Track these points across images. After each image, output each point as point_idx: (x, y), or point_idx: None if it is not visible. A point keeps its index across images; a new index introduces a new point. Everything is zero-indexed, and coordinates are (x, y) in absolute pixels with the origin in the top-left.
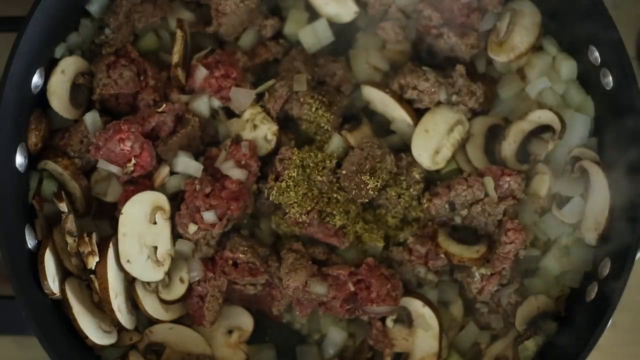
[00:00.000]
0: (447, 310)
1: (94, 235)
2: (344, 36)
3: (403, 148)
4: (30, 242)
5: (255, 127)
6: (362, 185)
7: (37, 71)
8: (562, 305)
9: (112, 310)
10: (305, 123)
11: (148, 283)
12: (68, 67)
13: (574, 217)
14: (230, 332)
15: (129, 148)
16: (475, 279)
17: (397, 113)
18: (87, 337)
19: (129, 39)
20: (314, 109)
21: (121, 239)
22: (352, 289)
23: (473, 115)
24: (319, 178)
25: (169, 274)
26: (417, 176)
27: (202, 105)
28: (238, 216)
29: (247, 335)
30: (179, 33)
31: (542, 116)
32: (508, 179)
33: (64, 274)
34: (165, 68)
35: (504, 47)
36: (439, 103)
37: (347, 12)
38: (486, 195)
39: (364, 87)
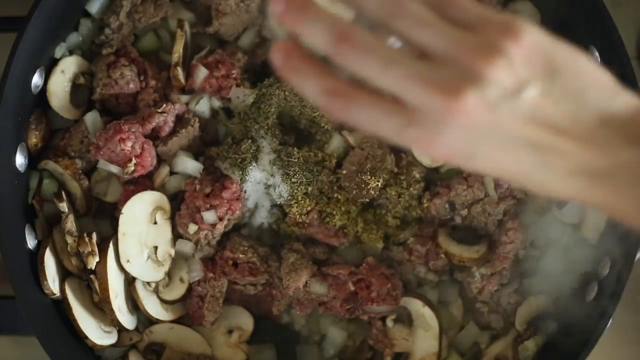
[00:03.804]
0: (447, 310)
1: (94, 235)
2: None
3: (403, 148)
4: (30, 242)
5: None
6: (363, 185)
7: (37, 71)
8: (562, 306)
9: (112, 310)
10: (305, 123)
11: (148, 283)
12: (68, 67)
13: (574, 217)
14: (230, 332)
15: (129, 148)
16: (475, 279)
17: None
18: (87, 338)
19: (129, 39)
20: (314, 109)
21: (121, 239)
22: (352, 288)
23: None
24: (319, 178)
25: (169, 274)
26: (417, 175)
27: (202, 105)
28: (238, 216)
29: (247, 335)
30: (179, 33)
31: None
32: None
33: (64, 274)
34: (165, 68)
35: None
36: None
37: (346, 12)
38: (486, 195)
39: None
